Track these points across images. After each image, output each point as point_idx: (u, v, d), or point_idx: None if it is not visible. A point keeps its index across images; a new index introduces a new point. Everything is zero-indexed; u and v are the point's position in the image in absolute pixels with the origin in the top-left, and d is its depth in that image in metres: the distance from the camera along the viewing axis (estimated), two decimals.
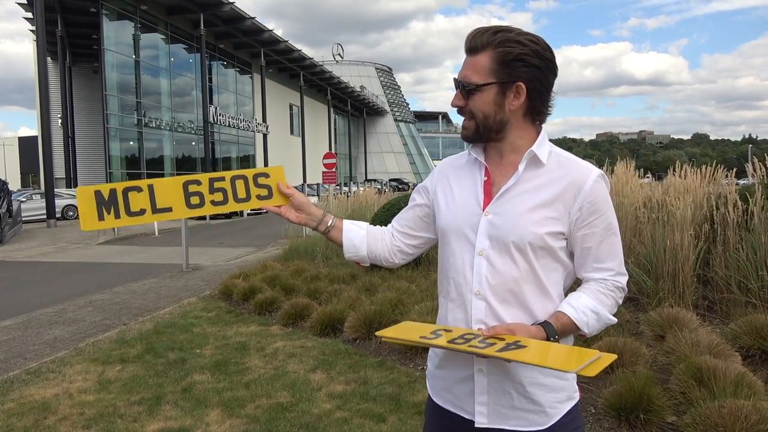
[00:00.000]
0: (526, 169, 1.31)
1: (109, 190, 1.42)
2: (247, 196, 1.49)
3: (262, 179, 1.50)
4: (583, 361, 1.09)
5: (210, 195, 1.48)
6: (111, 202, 1.42)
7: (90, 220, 1.40)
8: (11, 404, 3.82)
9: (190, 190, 1.46)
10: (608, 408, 3.11)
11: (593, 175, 1.30)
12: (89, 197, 1.40)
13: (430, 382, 1.47)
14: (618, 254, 1.33)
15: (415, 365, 4.25)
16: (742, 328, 3.85)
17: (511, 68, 1.26)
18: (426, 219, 1.49)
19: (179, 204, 1.45)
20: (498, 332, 1.20)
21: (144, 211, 1.43)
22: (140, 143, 29.81)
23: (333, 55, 68.04)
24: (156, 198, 1.44)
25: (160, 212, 1.44)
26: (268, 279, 7.05)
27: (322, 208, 1.56)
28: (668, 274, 4.69)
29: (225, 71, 37.95)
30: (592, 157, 7.98)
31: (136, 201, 1.43)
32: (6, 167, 53.10)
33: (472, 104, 1.30)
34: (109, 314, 6.65)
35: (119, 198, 1.42)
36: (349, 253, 1.52)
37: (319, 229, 1.51)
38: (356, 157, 67.74)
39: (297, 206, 1.49)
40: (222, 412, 3.58)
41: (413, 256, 1.57)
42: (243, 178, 1.49)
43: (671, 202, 4.85)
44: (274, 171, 1.52)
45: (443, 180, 1.45)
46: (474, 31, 1.30)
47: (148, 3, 28.53)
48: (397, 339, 1.35)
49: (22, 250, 14.11)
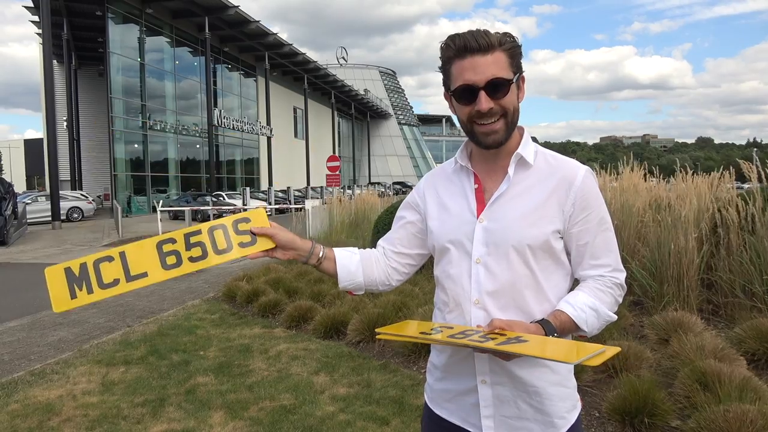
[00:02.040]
0: (516, 171, 1.31)
1: (78, 265, 1.35)
2: (227, 247, 1.39)
3: (243, 225, 1.40)
4: (585, 353, 1.07)
5: (187, 252, 1.37)
6: (82, 277, 1.35)
7: (62, 300, 1.33)
8: (15, 405, 3.83)
9: (165, 249, 1.37)
10: (612, 412, 3.10)
11: (582, 170, 1.31)
12: (59, 276, 1.34)
13: (431, 395, 1.44)
14: (613, 250, 1.33)
15: (419, 368, 4.24)
16: (747, 332, 3.83)
17: (518, 62, 1.29)
18: (419, 235, 1.45)
19: (155, 267, 1.36)
20: (497, 326, 1.19)
21: (117, 281, 1.35)
22: (145, 146, 29.92)
23: (337, 59, 68.20)
24: (129, 265, 1.36)
25: (135, 279, 1.36)
26: (272, 281, 7.06)
27: (310, 239, 1.47)
28: (673, 277, 4.68)
29: (229, 74, 38.09)
30: (596, 161, 7.96)
31: (108, 272, 1.35)
32: (12, 169, 53.41)
33: (504, 102, 1.26)
34: (113, 316, 6.67)
35: (90, 272, 1.35)
36: (345, 282, 1.43)
37: (310, 263, 1.41)
38: (360, 160, 67.81)
39: (283, 245, 1.38)
40: (225, 414, 3.58)
41: (409, 275, 1.51)
42: (222, 227, 1.40)
43: (678, 203, 4.82)
44: (255, 215, 1.42)
45: (432, 192, 1.43)
46: (475, 33, 1.25)
47: (154, 6, 28.69)
48: (395, 336, 1.31)
49: (27, 252, 14.17)
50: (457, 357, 1.34)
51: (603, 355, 1.07)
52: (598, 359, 1.06)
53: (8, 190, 16.48)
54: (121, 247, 1.38)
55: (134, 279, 1.36)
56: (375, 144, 69.96)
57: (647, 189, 5.88)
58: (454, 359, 1.35)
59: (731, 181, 5.27)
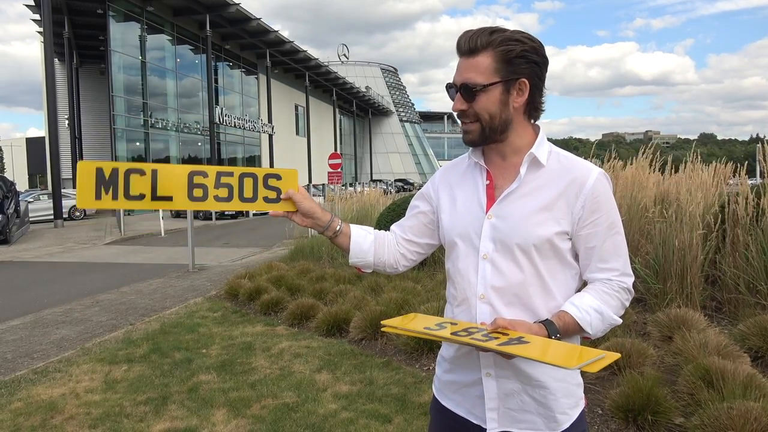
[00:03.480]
0: (528, 170, 1.31)
1: (111, 168, 1.36)
2: (253, 197, 1.41)
3: (273, 181, 1.42)
4: (584, 359, 1.07)
5: (215, 190, 1.40)
6: (111, 181, 1.35)
7: (87, 196, 1.35)
8: (18, 404, 3.84)
9: (195, 181, 1.39)
10: (615, 409, 3.09)
11: (594, 173, 1.29)
12: (90, 173, 1.35)
13: (439, 386, 1.46)
14: (622, 254, 1.32)
15: (421, 366, 4.23)
16: (750, 329, 3.81)
17: (514, 66, 1.26)
18: (430, 226, 1.48)
19: (181, 194, 1.38)
20: (500, 325, 1.19)
21: (143, 197, 1.36)
22: (146, 144, 29.91)
23: (338, 56, 68.16)
24: (158, 184, 1.37)
25: (160, 200, 1.37)
26: (274, 279, 7.06)
27: (330, 212, 1.51)
28: (676, 274, 4.66)
29: (231, 72, 38.05)
30: (599, 157, 7.93)
31: (137, 184, 1.36)
32: (14, 168, 53.48)
33: (477, 106, 1.29)
34: (116, 314, 6.67)
35: (120, 179, 1.36)
36: (356, 259, 1.48)
37: (326, 234, 1.46)
38: (362, 158, 67.77)
39: (304, 213, 1.43)
40: (228, 412, 3.58)
41: (416, 263, 1.56)
42: (253, 176, 1.41)
43: (683, 197, 4.78)
44: (287, 174, 1.43)
45: (445, 185, 1.45)
46: (468, 34, 1.29)
47: (155, 4, 28.63)
48: (400, 329, 1.32)
49: (29, 251, 14.19)
50: (463, 350, 1.36)
51: (602, 362, 1.07)
52: (597, 365, 1.06)
53: (10, 189, 16.49)
54: (155, 165, 1.39)
55: (159, 200, 1.38)
56: (377, 141, 69.90)
57: (655, 183, 5.80)
58: (461, 352, 1.37)
59: (741, 176, 5.21)
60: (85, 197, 1.35)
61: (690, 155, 5.39)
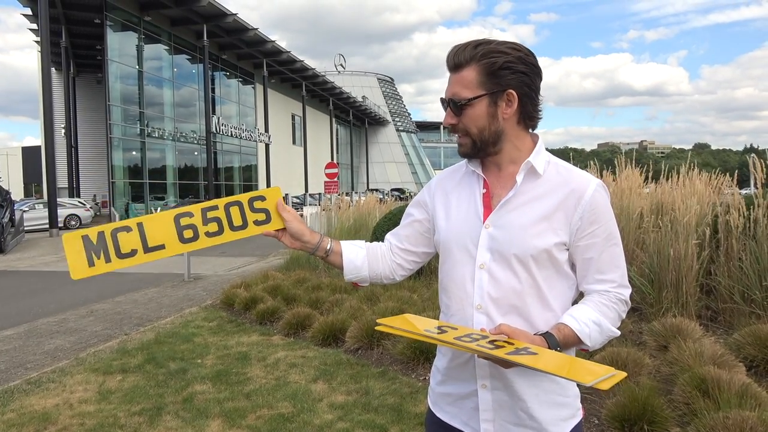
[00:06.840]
0: (525, 180, 1.30)
1: (96, 233, 1.35)
2: (243, 223, 1.41)
3: (259, 203, 1.43)
4: (597, 375, 1.07)
5: (204, 227, 1.40)
6: (100, 245, 1.34)
7: (80, 267, 1.33)
8: (11, 414, 3.80)
9: (182, 223, 1.39)
10: (611, 419, 3.08)
11: (593, 184, 1.29)
12: (76, 243, 1.33)
13: (433, 399, 1.45)
14: (620, 265, 1.32)
15: (417, 375, 4.22)
16: (746, 338, 3.82)
17: (498, 77, 1.26)
18: (426, 234, 1.47)
19: (172, 240, 1.38)
20: (504, 331, 1.18)
21: (135, 252, 1.36)
22: (143, 153, 29.89)
23: (335, 66, 68.40)
24: (147, 236, 1.37)
25: (153, 251, 1.37)
26: (270, 289, 7.04)
27: (319, 232, 1.51)
28: (671, 283, 4.67)
29: (228, 82, 38.15)
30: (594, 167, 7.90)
31: (126, 242, 1.36)
32: (9, 177, 53.29)
33: (465, 120, 1.30)
34: (111, 324, 6.64)
35: (108, 240, 1.35)
36: (351, 275, 1.48)
37: (317, 255, 1.46)
38: (358, 167, 67.86)
39: (292, 234, 1.43)
40: (223, 422, 3.55)
41: (413, 271, 1.55)
42: (238, 204, 1.42)
43: (677, 206, 4.81)
44: (271, 193, 1.44)
45: (441, 193, 1.44)
46: (454, 49, 1.30)
47: (152, 14, 28.74)
48: (397, 329, 1.29)
49: (24, 260, 14.12)
50: (458, 361, 1.34)
51: (612, 379, 1.08)
52: (608, 383, 1.07)
53: (5, 198, 16.45)
54: (139, 218, 1.38)
55: (152, 250, 1.38)
56: (373, 151, 70.04)
57: (649, 194, 5.85)
58: (455, 363, 1.36)
59: (733, 186, 5.25)
60: (78, 268, 1.33)
61: (686, 164, 5.42)
